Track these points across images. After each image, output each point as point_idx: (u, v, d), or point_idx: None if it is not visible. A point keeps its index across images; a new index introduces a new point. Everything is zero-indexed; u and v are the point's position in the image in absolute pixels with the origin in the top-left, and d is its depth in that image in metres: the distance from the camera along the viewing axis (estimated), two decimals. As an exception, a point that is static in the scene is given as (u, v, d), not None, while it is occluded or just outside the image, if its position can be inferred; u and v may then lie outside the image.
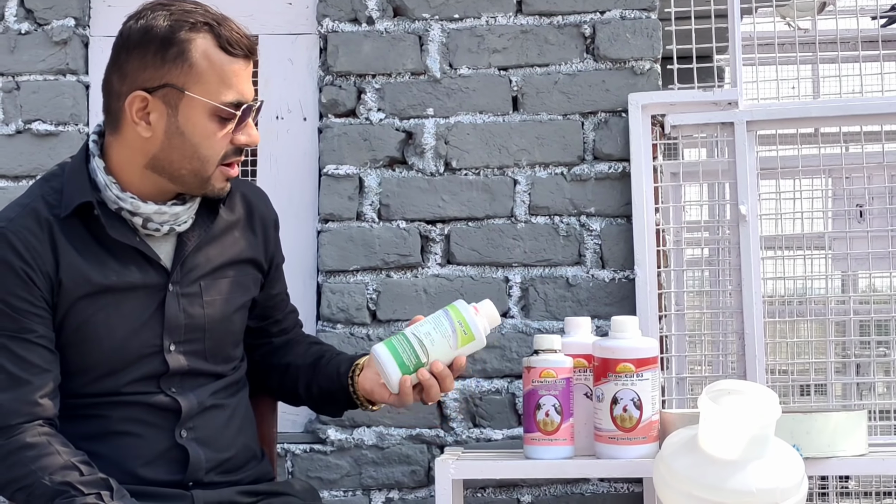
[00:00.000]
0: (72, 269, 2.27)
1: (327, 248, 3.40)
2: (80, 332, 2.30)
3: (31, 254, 2.26)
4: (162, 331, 2.34)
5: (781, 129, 3.41)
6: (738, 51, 3.33)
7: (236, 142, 2.31)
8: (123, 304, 2.32)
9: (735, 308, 3.30)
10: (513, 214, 3.39)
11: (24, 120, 3.50)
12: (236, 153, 2.33)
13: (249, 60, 2.33)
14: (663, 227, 3.36)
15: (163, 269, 2.34)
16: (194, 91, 2.27)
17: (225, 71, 2.28)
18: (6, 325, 2.25)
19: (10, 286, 2.25)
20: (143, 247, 2.32)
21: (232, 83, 2.29)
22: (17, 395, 2.22)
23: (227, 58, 2.28)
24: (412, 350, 2.32)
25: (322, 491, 3.30)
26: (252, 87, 2.34)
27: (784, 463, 2.43)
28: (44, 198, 2.32)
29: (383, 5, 3.45)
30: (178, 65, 2.27)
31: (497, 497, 3.33)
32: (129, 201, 2.30)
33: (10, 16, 3.53)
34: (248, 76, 2.33)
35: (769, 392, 2.44)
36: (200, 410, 2.36)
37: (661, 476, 2.47)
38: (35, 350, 2.25)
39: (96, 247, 2.30)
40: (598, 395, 2.74)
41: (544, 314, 3.36)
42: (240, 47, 2.29)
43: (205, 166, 2.30)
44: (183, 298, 2.37)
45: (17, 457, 2.20)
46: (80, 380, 2.32)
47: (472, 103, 3.42)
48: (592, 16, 3.42)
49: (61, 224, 2.29)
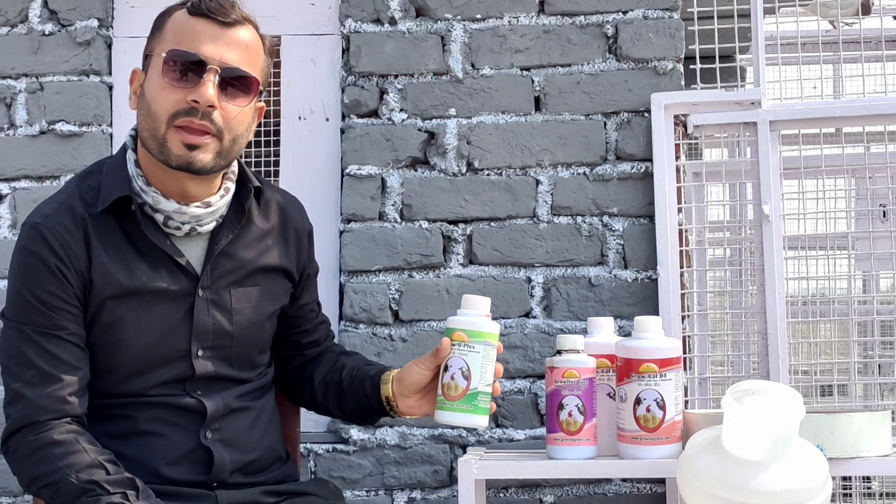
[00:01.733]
0: (102, 268, 2.28)
1: (350, 249, 3.40)
2: (109, 332, 2.30)
3: (66, 251, 2.26)
4: (190, 336, 2.34)
5: (804, 129, 3.40)
6: (761, 50, 3.33)
7: (187, 99, 2.24)
8: (153, 307, 2.32)
9: (758, 308, 3.29)
10: (535, 214, 3.39)
11: (48, 121, 3.52)
12: (190, 113, 2.24)
13: (220, 25, 2.28)
14: (686, 227, 3.36)
15: (192, 274, 2.34)
16: (156, 51, 2.29)
17: (182, 27, 2.28)
18: (38, 321, 2.26)
19: (43, 282, 2.26)
20: (172, 251, 2.32)
21: (185, 38, 2.26)
22: (47, 391, 2.23)
23: (186, 17, 2.28)
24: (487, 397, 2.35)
25: (345, 491, 3.30)
26: (225, 53, 2.27)
27: (808, 463, 2.42)
28: (81, 195, 2.32)
29: (405, 6, 3.46)
30: (155, 35, 2.32)
31: (519, 497, 3.33)
32: (151, 195, 2.30)
33: (33, 17, 3.54)
34: (213, 38, 2.27)
35: (793, 392, 2.43)
36: (226, 412, 2.36)
37: (685, 476, 2.47)
38: (66, 347, 2.26)
39: (128, 248, 2.31)
40: (621, 396, 2.74)
41: (567, 314, 3.35)
42: (205, 7, 2.27)
43: (156, 123, 2.26)
44: (212, 305, 2.36)
45: (45, 453, 2.20)
46: (107, 380, 2.33)
47: (495, 103, 3.42)
48: (615, 15, 3.41)
49: (96, 222, 2.29)
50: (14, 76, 3.54)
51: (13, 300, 2.28)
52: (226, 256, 2.37)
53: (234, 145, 2.31)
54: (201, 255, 2.36)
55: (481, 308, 2.37)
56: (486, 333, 2.34)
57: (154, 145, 2.28)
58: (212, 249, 2.36)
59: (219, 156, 2.28)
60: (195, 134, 2.25)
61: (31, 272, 2.27)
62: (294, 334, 2.57)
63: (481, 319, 2.35)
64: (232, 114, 2.28)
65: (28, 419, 2.23)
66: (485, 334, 2.33)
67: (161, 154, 2.27)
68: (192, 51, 2.25)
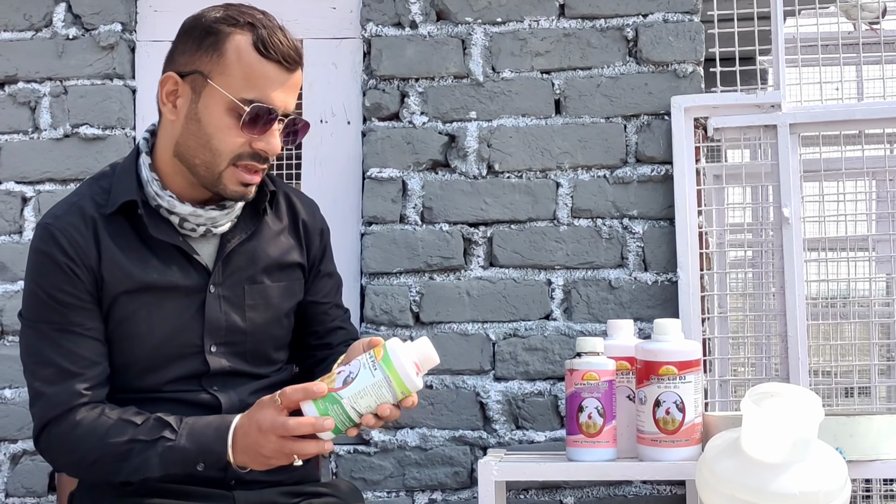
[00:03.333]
0: (113, 264, 2.31)
1: (371, 251, 3.42)
2: (121, 328, 2.33)
3: (75, 249, 2.29)
4: (202, 332, 2.37)
5: (825, 132, 3.40)
6: (781, 53, 3.33)
7: (254, 146, 2.29)
8: (165, 303, 2.35)
9: (778, 310, 3.29)
10: (555, 217, 3.39)
11: (72, 124, 3.54)
12: (254, 157, 2.30)
13: (287, 70, 2.30)
14: (706, 229, 3.36)
15: (204, 270, 2.37)
16: (217, 81, 2.27)
17: (253, 69, 2.27)
18: (54, 319, 2.29)
19: (55, 280, 2.29)
20: (185, 246, 2.34)
21: (257, 84, 2.27)
22: (65, 387, 2.27)
23: (258, 57, 2.27)
24: (347, 418, 2.16)
25: (365, 492, 3.32)
26: (288, 99, 2.31)
27: (827, 466, 2.42)
28: (92, 197, 2.36)
29: (426, 9, 3.47)
30: (210, 53, 2.29)
31: (539, 499, 3.34)
32: (166, 199, 2.33)
33: (57, 21, 3.57)
34: (281, 84, 2.30)
35: (812, 395, 2.44)
36: (241, 408, 2.36)
37: (704, 478, 2.48)
38: (84, 343, 2.29)
39: (139, 245, 2.33)
40: (641, 398, 2.75)
41: (587, 317, 3.36)
42: (276, 52, 2.27)
43: (216, 160, 2.29)
44: (224, 301, 2.39)
45: (74, 437, 2.25)
46: (122, 376, 2.35)
47: (515, 106, 3.43)
48: (635, 19, 3.42)
49: (106, 221, 2.32)
50: (38, 80, 3.56)
51: (29, 300, 2.32)
52: (238, 254, 2.40)
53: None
54: (213, 253, 2.39)
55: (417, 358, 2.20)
56: (399, 379, 2.16)
57: (206, 175, 2.31)
58: (223, 246, 2.38)
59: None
60: (255, 174, 2.32)
61: (43, 271, 2.31)
62: (303, 334, 2.58)
63: (410, 367, 2.17)
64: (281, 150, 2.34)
65: (49, 416, 2.27)
66: (398, 379, 2.16)
67: (213, 185, 2.32)
68: (266, 102, 2.27)
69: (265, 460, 2.20)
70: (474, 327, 3.39)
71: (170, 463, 2.22)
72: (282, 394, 2.16)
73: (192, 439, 2.22)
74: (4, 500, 3.47)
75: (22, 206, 3.54)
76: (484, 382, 3.37)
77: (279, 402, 2.16)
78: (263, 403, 2.19)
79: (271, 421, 2.15)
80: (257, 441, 2.17)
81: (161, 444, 2.21)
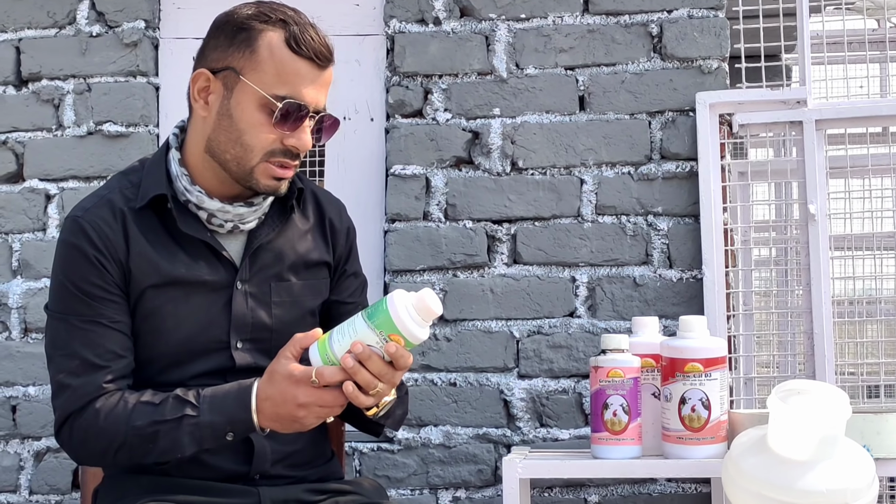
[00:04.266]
0: (141, 258, 2.31)
1: (394, 248, 3.41)
2: (147, 322, 2.33)
3: (104, 241, 2.30)
4: (229, 328, 2.36)
5: (850, 128, 3.39)
6: (806, 49, 3.31)
7: (286, 143, 2.29)
8: (192, 297, 2.35)
9: (804, 308, 3.27)
10: (579, 214, 3.38)
11: (95, 121, 3.54)
12: (285, 154, 2.30)
13: (319, 67, 2.30)
14: (731, 226, 3.35)
15: (231, 266, 2.37)
16: (249, 77, 2.28)
17: (285, 66, 2.27)
18: (82, 311, 2.29)
19: (83, 273, 2.29)
20: (213, 241, 2.34)
21: (289, 80, 2.27)
22: (89, 380, 2.27)
23: (290, 54, 2.28)
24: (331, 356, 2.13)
25: (389, 489, 3.31)
26: (319, 96, 2.31)
27: (854, 463, 2.41)
28: (121, 190, 2.36)
29: (450, 6, 3.46)
30: (242, 50, 2.29)
31: (564, 497, 3.33)
32: (195, 195, 2.33)
33: (81, 18, 3.57)
34: (312, 81, 2.30)
35: (839, 392, 2.42)
36: None
37: (730, 476, 2.46)
38: (110, 335, 2.29)
39: (168, 239, 2.34)
40: (666, 395, 2.74)
41: (611, 314, 3.35)
42: (308, 49, 2.28)
43: (248, 155, 2.29)
44: (251, 298, 2.38)
45: (96, 427, 2.24)
46: (147, 371, 2.35)
47: (539, 103, 3.42)
48: (660, 14, 3.41)
49: (135, 215, 2.33)
50: (62, 77, 3.57)
51: (56, 292, 2.33)
52: (266, 251, 2.40)
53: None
54: (240, 249, 2.39)
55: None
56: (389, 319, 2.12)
57: (237, 170, 2.31)
58: (251, 243, 2.38)
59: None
60: (287, 170, 2.32)
61: (71, 264, 2.31)
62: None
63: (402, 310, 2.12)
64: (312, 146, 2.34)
65: (72, 408, 2.27)
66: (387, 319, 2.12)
67: (245, 181, 2.32)
68: (298, 98, 2.27)
69: (293, 417, 2.17)
70: (498, 325, 3.38)
71: (199, 439, 2.22)
72: (290, 344, 2.17)
73: (215, 411, 2.21)
74: (28, 497, 3.48)
75: (45, 204, 3.54)
76: (508, 380, 3.36)
77: (290, 354, 2.15)
78: (278, 360, 2.18)
79: (289, 371, 2.14)
80: (285, 393, 2.15)
81: (186, 422, 2.21)
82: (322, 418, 2.17)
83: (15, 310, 3.52)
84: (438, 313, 2.17)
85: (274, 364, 2.18)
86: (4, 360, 3.51)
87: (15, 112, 3.58)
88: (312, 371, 2.12)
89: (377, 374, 2.13)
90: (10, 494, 3.49)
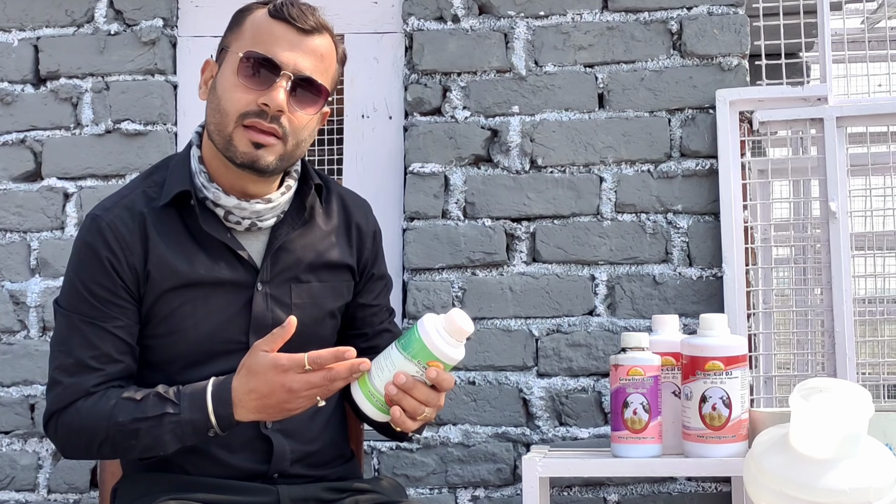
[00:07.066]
0: (160, 261, 2.31)
1: (413, 246, 3.41)
2: (166, 322, 2.33)
3: (120, 244, 2.30)
4: (248, 328, 2.36)
5: (871, 126, 3.37)
6: (827, 46, 3.30)
7: (258, 102, 2.26)
8: (211, 298, 2.34)
9: (825, 306, 3.26)
10: (599, 212, 3.37)
11: (114, 120, 3.54)
12: (259, 115, 2.26)
13: (298, 31, 2.29)
14: (751, 224, 3.33)
15: (252, 267, 2.36)
16: (232, 48, 2.31)
17: (261, 29, 2.29)
18: (85, 311, 2.30)
19: (93, 274, 2.30)
20: (233, 243, 2.34)
21: (262, 39, 2.28)
22: (81, 380, 2.28)
23: (267, 19, 2.30)
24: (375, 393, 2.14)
25: (408, 488, 3.31)
26: (298, 58, 2.28)
27: (877, 462, 2.39)
28: (144, 190, 2.36)
29: (468, 3, 3.45)
30: (233, 30, 2.33)
31: (583, 496, 3.32)
32: (212, 191, 2.33)
33: (99, 17, 3.57)
34: (290, 43, 2.28)
35: (861, 390, 2.41)
36: None
37: (752, 475, 2.45)
38: (109, 339, 2.30)
39: (188, 240, 2.33)
40: (687, 394, 2.72)
41: (631, 312, 3.34)
42: (286, 12, 2.28)
43: (224, 120, 2.29)
44: (271, 299, 2.38)
45: (79, 421, 2.26)
46: (165, 371, 2.35)
47: (558, 101, 3.41)
48: (679, 11, 3.39)
49: (156, 216, 2.32)
50: (80, 76, 3.57)
51: (66, 288, 2.34)
52: (286, 252, 2.39)
53: (297, 149, 2.34)
54: (261, 250, 2.38)
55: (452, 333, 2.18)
56: (423, 345, 2.13)
57: (220, 141, 2.30)
58: (272, 244, 2.37)
59: (281, 159, 2.31)
60: (263, 134, 2.28)
61: (84, 263, 2.32)
62: (352, 336, 2.55)
63: (434, 334, 2.15)
64: (299, 120, 2.30)
65: (57, 406, 2.29)
66: (421, 346, 2.13)
67: (227, 150, 2.30)
68: (268, 54, 2.27)
69: (282, 405, 2.16)
70: (517, 323, 3.37)
71: (181, 436, 2.22)
72: (265, 340, 2.17)
73: (195, 409, 2.21)
74: (47, 496, 3.48)
75: (64, 202, 3.54)
76: (527, 378, 3.35)
77: (267, 348, 2.16)
78: (254, 355, 2.18)
79: (273, 362, 2.15)
80: (272, 383, 2.15)
81: (167, 419, 2.21)
82: (313, 401, 2.17)
83: (33, 308, 3.52)
84: (470, 331, 2.18)
85: (250, 360, 2.18)
86: (23, 359, 3.51)
87: (33, 110, 3.59)
88: (304, 357, 2.12)
89: (424, 400, 2.14)
90: (28, 493, 3.49)
